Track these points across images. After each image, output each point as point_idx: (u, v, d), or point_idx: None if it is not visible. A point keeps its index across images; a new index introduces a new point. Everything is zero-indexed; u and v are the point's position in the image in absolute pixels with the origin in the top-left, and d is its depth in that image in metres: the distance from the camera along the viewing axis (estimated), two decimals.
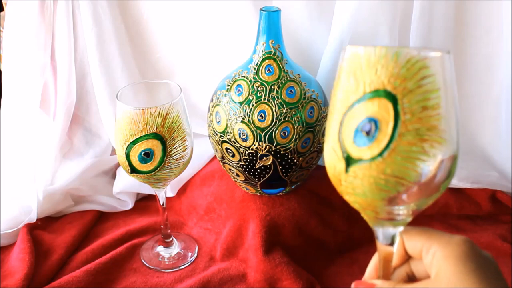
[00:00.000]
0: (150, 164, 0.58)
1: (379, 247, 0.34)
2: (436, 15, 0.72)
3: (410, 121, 0.29)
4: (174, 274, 0.67)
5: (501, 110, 0.76)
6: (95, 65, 0.80)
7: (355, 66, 0.30)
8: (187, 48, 0.87)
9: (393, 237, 0.34)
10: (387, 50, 0.29)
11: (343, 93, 0.31)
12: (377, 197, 0.30)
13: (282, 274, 0.63)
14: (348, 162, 0.30)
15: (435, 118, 0.29)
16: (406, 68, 0.29)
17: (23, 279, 0.62)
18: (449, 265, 0.31)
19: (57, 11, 0.77)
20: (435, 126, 0.29)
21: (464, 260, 0.31)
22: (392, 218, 0.32)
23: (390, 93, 0.29)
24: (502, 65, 0.74)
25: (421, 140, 0.29)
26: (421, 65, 0.29)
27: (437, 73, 0.29)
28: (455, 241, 0.32)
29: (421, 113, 0.29)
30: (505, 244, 0.68)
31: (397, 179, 0.29)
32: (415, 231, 0.34)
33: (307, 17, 0.80)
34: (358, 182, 0.30)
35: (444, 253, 0.32)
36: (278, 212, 0.69)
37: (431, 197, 0.31)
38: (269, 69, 0.65)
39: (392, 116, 0.29)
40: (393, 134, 0.29)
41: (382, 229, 0.34)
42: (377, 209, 0.32)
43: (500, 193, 0.78)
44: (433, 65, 0.29)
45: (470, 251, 0.31)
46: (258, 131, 0.64)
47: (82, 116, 0.85)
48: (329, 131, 0.32)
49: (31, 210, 0.74)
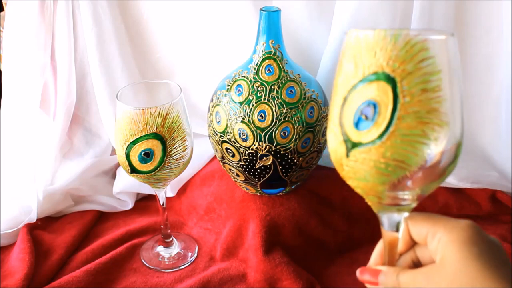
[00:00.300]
0: (150, 164, 0.58)
1: (384, 233, 0.34)
2: (436, 15, 0.72)
3: (409, 104, 0.28)
4: (174, 274, 0.67)
5: (501, 110, 0.76)
6: (95, 65, 0.80)
7: (355, 49, 0.30)
8: (187, 48, 0.87)
9: (397, 223, 0.33)
10: (385, 33, 0.28)
11: (344, 77, 0.30)
12: (378, 181, 0.30)
13: (282, 274, 0.63)
14: (348, 146, 0.30)
15: (436, 101, 0.28)
16: (405, 50, 0.28)
17: (23, 279, 0.62)
18: (454, 250, 0.31)
19: (57, 11, 0.77)
20: (436, 108, 0.28)
21: (469, 245, 0.30)
22: (396, 203, 0.32)
23: (389, 76, 0.28)
24: (502, 65, 0.74)
25: (421, 123, 0.28)
26: (421, 47, 0.28)
27: (438, 55, 0.28)
28: (461, 226, 0.31)
29: (421, 96, 0.28)
30: (505, 244, 0.68)
31: (397, 162, 0.29)
32: (420, 217, 0.34)
33: (307, 17, 0.80)
34: (359, 166, 0.30)
35: (449, 238, 0.31)
36: (278, 212, 0.69)
37: (436, 181, 0.31)
38: (269, 69, 0.65)
39: (391, 99, 0.28)
40: (392, 117, 0.28)
41: (386, 214, 0.33)
42: (379, 194, 0.31)
43: (500, 193, 0.78)
44: (434, 47, 0.28)
45: (475, 236, 0.31)
46: (258, 131, 0.64)
47: (82, 116, 0.85)
48: (331, 115, 0.32)
49: (31, 210, 0.74)
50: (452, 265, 0.30)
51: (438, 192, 0.79)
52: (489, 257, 0.30)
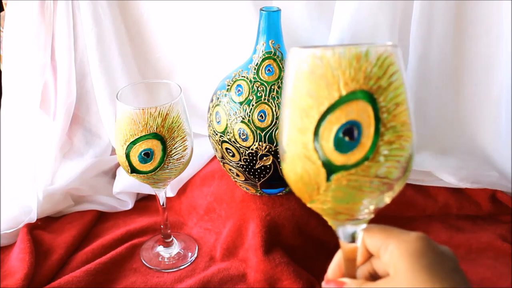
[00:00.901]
0: (150, 164, 0.58)
1: (342, 245, 0.34)
2: (436, 15, 0.72)
3: (387, 120, 0.28)
4: (174, 274, 0.67)
5: (501, 110, 0.76)
6: (95, 65, 0.80)
7: (322, 69, 0.28)
8: (187, 48, 0.87)
9: (353, 235, 0.33)
10: (356, 49, 0.28)
11: (311, 99, 0.29)
12: (358, 200, 0.30)
13: (282, 274, 0.63)
14: (329, 170, 0.29)
15: (404, 114, 0.29)
16: (378, 66, 0.28)
17: (23, 279, 0.62)
18: (404, 262, 0.31)
19: (57, 11, 0.77)
20: (405, 121, 0.29)
21: (417, 257, 0.31)
22: (354, 218, 0.32)
23: (367, 93, 0.28)
24: (502, 65, 0.74)
25: (398, 137, 0.29)
26: (390, 61, 0.28)
27: (400, 68, 0.29)
28: (410, 238, 0.32)
29: (395, 110, 0.29)
30: (505, 244, 0.68)
31: (381, 179, 0.29)
32: (375, 229, 0.34)
33: (307, 17, 0.80)
34: (341, 189, 0.29)
35: (399, 251, 0.31)
36: (278, 212, 0.69)
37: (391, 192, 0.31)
38: (269, 69, 0.65)
39: (372, 117, 0.28)
40: (376, 135, 0.28)
41: (342, 227, 0.33)
42: (353, 212, 0.31)
43: (500, 193, 0.78)
44: (397, 60, 0.29)
45: (424, 247, 0.31)
46: (258, 131, 0.64)
47: (82, 116, 0.85)
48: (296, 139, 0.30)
49: (31, 210, 0.74)
50: (402, 277, 0.31)
51: (438, 192, 0.79)
52: (438, 269, 0.30)
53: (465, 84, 0.78)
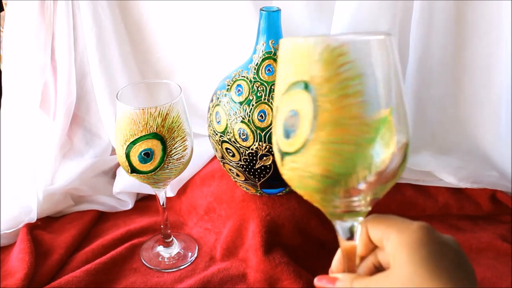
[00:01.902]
0: (150, 164, 0.58)
1: (340, 240, 0.34)
2: (436, 15, 0.72)
3: (329, 111, 0.28)
4: (174, 274, 0.67)
5: (501, 110, 0.76)
6: (95, 65, 0.80)
7: (284, 59, 0.30)
8: (187, 48, 0.87)
9: (351, 229, 0.33)
10: (306, 41, 0.28)
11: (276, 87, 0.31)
12: (310, 189, 0.30)
13: (282, 274, 0.63)
14: (281, 155, 0.31)
15: (358, 106, 0.28)
16: (323, 57, 0.28)
17: (23, 279, 0.62)
18: (403, 253, 0.29)
19: (57, 11, 0.77)
20: (358, 114, 0.28)
21: (417, 247, 0.29)
22: (350, 210, 0.31)
23: (307, 84, 0.28)
24: (502, 65, 0.74)
25: (342, 130, 0.28)
26: (339, 52, 0.27)
27: (359, 59, 0.27)
28: (411, 228, 0.30)
29: (341, 102, 0.28)
30: (505, 244, 0.68)
31: (322, 171, 0.29)
32: (378, 219, 0.33)
33: (307, 17, 0.80)
34: (290, 175, 0.30)
35: (399, 241, 0.30)
36: (278, 212, 0.69)
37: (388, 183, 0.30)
38: (269, 69, 0.65)
39: (311, 107, 0.28)
40: (313, 126, 0.28)
41: (340, 222, 0.33)
42: (320, 202, 0.31)
43: (500, 193, 0.78)
44: (355, 51, 0.27)
45: (425, 237, 0.29)
46: (258, 131, 0.64)
47: (82, 116, 0.85)
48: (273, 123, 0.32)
49: (31, 210, 0.74)
50: (400, 269, 0.29)
51: (438, 192, 0.79)
52: (438, 260, 0.29)
53: (465, 84, 0.78)
